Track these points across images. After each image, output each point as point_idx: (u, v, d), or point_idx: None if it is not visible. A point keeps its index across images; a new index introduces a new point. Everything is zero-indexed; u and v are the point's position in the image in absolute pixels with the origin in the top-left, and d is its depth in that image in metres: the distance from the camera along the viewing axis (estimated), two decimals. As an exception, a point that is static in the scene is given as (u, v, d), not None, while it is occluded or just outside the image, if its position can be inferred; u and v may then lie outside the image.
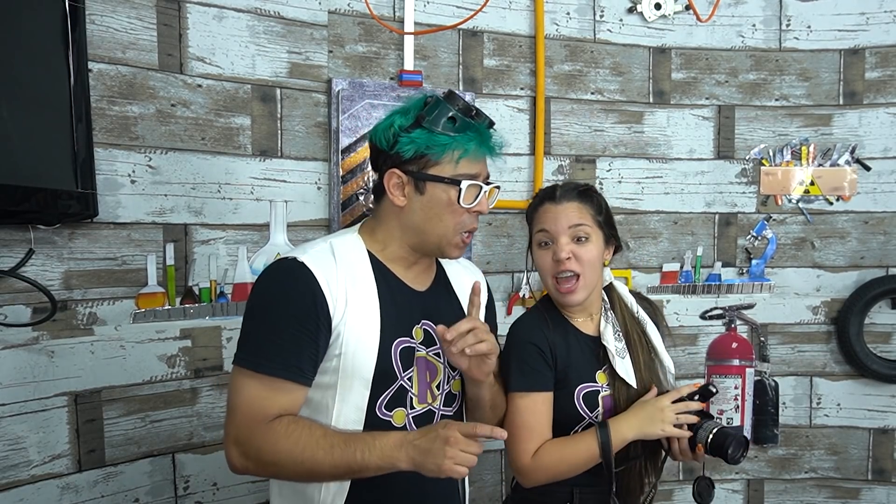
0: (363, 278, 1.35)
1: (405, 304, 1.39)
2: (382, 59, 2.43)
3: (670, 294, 2.82)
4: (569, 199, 1.60)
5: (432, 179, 1.33)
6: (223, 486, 2.20)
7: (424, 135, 1.31)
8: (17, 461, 1.83)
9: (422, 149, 1.31)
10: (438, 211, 1.34)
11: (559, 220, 1.57)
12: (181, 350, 2.11)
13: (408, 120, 1.33)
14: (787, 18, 2.79)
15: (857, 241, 2.82)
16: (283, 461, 1.24)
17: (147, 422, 2.06)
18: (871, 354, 2.78)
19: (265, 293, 1.31)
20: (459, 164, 1.33)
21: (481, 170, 1.37)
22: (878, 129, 2.79)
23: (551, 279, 1.60)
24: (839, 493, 2.91)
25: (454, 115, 1.31)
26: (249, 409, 1.26)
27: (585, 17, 2.70)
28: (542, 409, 1.56)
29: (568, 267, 1.56)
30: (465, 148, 1.32)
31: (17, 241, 1.79)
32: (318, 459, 1.23)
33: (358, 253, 1.37)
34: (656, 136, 2.78)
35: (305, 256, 1.31)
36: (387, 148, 1.34)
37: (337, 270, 1.31)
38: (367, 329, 1.32)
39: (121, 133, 1.98)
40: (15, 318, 1.81)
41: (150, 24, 2.02)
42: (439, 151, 1.31)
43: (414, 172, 1.33)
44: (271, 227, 2.26)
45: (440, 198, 1.34)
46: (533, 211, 1.65)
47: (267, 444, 1.24)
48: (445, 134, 1.31)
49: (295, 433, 1.24)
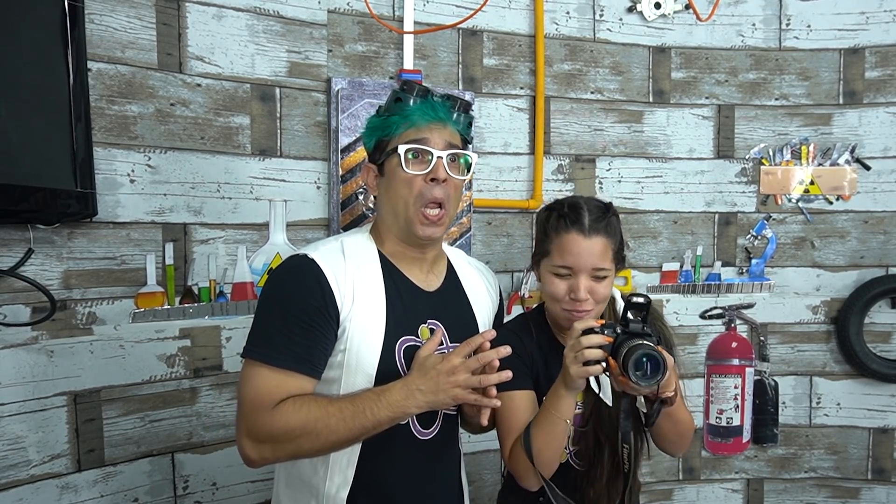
0: (371, 276, 1.37)
1: (412, 303, 1.41)
2: (382, 59, 2.42)
3: (670, 294, 2.82)
4: (597, 234, 1.46)
5: (386, 158, 1.38)
6: (222, 485, 2.20)
7: (378, 121, 1.39)
8: (17, 461, 1.83)
9: (378, 134, 1.39)
10: (395, 186, 1.37)
11: (584, 258, 1.45)
12: (180, 350, 2.11)
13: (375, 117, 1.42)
14: (786, 18, 2.79)
15: (856, 240, 2.82)
16: (299, 437, 1.27)
17: (146, 421, 2.06)
18: (870, 354, 2.78)
19: (276, 288, 1.35)
20: (404, 134, 1.36)
21: (430, 136, 1.36)
22: (878, 128, 2.79)
23: (559, 308, 1.51)
24: (839, 493, 2.91)
25: (399, 96, 1.37)
26: (258, 398, 1.28)
27: (585, 17, 2.70)
28: (519, 406, 1.51)
29: (586, 307, 1.46)
30: (408, 120, 1.36)
31: (17, 240, 1.79)
32: (333, 426, 1.26)
33: (367, 251, 1.40)
34: (656, 135, 2.78)
35: (316, 253, 1.34)
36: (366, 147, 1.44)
37: (345, 267, 1.34)
38: (373, 326, 1.34)
39: (120, 132, 1.98)
40: (14, 318, 1.81)
41: (150, 24, 2.02)
42: (391, 132, 1.37)
43: (376, 160, 1.40)
44: (271, 227, 2.26)
45: (393, 172, 1.37)
46: (553, 231, 1.50)
47: (278, 425, 1.26)
48: (395, 115, 1.37)
49: (303, 408, 1.27)
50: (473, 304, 1.52)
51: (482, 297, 1.56)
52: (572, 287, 1.46)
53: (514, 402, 1.51)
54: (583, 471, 1.55)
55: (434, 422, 1.43)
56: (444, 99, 1.39)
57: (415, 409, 1.28)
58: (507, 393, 1.49)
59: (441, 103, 1.38)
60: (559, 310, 1.51)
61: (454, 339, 1.44)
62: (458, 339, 1.43)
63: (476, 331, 1.50)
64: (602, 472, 1.53)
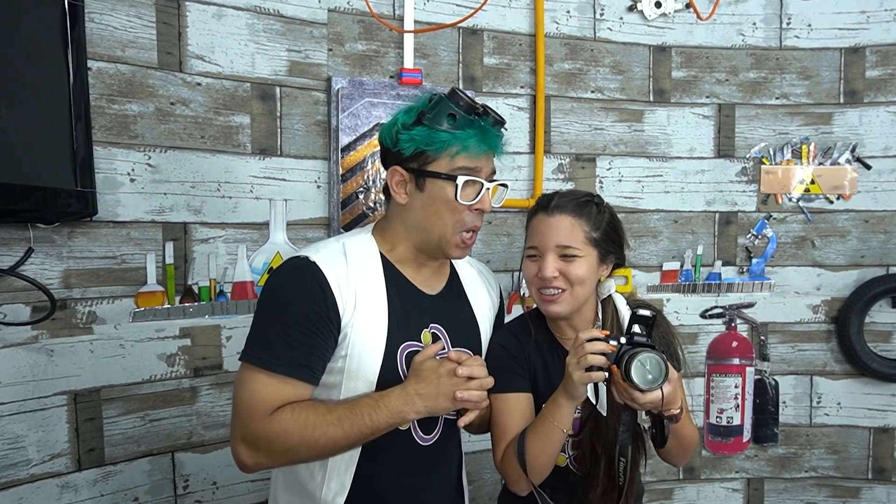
0: (373, 280, 1.34)
1: (414, 307, 1.39)
2: (382, 58, 2.42)
3: (670, 293, 2.82)
4: (562, 213, 1.47)
5: (430, 175, 1.33)
6: (222, 485, 2.20)
7: (424, 132, 1.31)
8: (17, 460, 1.83)
9: (421, 145, 1.31)
10: (437, 208, 1.34)
11: (547, 236, 1.47)
12: (181, 349, 2.11)
13: (410, 118, 1.33)
14: (787, 17, 2.79)
15: (857, 239, 2.82)
16: (296, 445, 1.25)
17: (146, 421, 2.06)
18: (871, 353, 2.78)
19: (276, 291, 1.31)
20: (457, 159, 1.32)
21: (482, 166, 1.36)
22: (879, 127, 2.78)
23: (535, 289, 1.52)
24: (839, 493, 2.90)
25: (454, 112, 1.32)
26: (255, 404, 1.26)
27: (585, 16, 2.69)
28: (515, 409, 1.50)
29: (554, 285, 1.46)
30: (463, 144, 1.31)
31: (17, 239, 1.79)
32: (331, 434, 1.25)
33: (369, 254, 1.37)
34: (656, 134, 2.78)
35: (317, 256, 1.31)
36: (391, 146, 1.35)
37: (347, 270, 1.31)
38: (374, 331, 1.32)
39: (120, 131, 1.98)
40: (14, 317, 1.81)
41: (150, 23, 2.02)
42: (438, 148, 1.31)
43: (414, 169, 1.33)
44: (271, 226, 2.26)
45: (438, 194, 1.33)
46: (529, 217, 1.55)
47: (275, 433, 1.24)
48: (445, 130, 1.31)
49: (301, 416, 1.25)
50: (475, 307, 1.51)
51: (483, 299, 1.54)
52: (540, 266, 1.46)
53: (508, 404, 1.50)
54: (581, 476, 1.54)
55: (435, 427, 1.42)
56: (492, 123, 1.36)
57: (413, 414, 1.28)
58: (502, 395, 1.49)
59: (495, 133, 1.37)
60: (534, 292, 1.51)
61: (456, 343, 1.42)
62: (460, 342, 1.43)
63: (478, 334, 1.50)
64: (597, 483, 1.51)
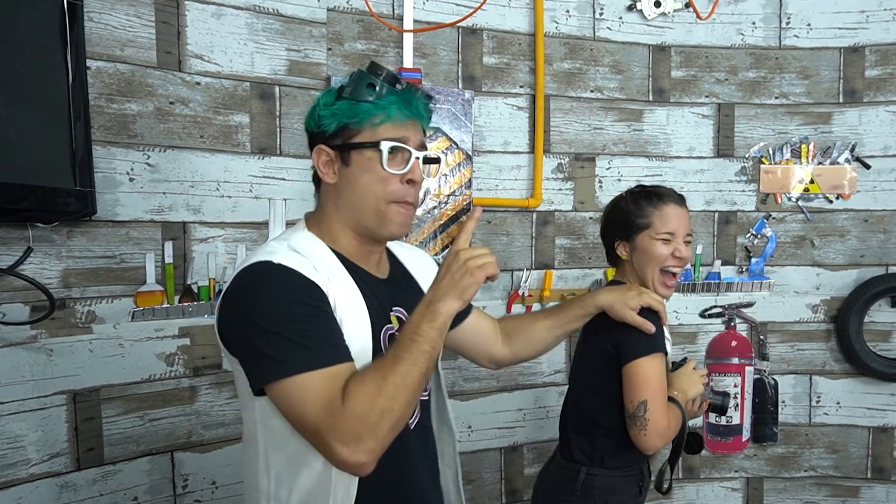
0: (337, 271, 1.30)
1: (379, 292, 1.36)
2: (381, 57, 2.42)
3: (670, 292, 2.82)
4: (685, 206, 1.78)
5: (355, 148, 1.29)
6: (222, 484, 2.20)
7: (345, 105, 1.28)
8: (16, 459, 1.83)
9: (343, 119, 1.28)
10: (366, 181, 1.29)
11: (682, 223, 1.75)
12: (180, 348, 2.11)
13: (331, 96, 1.31)
14: (786, 16, 2.79)
15: (856, 239, 2.82)
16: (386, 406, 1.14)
17: (146, 420, 2.05)
18: (870, 353, 2.78)
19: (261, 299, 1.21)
20: (380, 127, 1.28)
21: (408, 135, 1.31)
22: (878, 127, 2.78)
23: (658, 272, 1.74)
24: (838, 492, 2.91)
25: (374, 82, 1.28)
26: (327, 403, 1.14)
27: (585, 15, 2.69)
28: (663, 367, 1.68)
29: (685, 264, 1.77)
30: (386, 112, 1.28)
31: (16, 239, 1.78)
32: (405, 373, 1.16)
33: (320, 248, 1.32)
34: (656, 134, 2.78)
35: (277, 258, 1.22)
36: (314, 127, 1.32)
37: (313, 266, 1.25)
38: (358, 320, 1.29)
39: (119, 131, 1.98)
40: (13, 317, 1.81)
41: (149, 22, 2.02)
42: (361, 119, 1.28)
43: (339, 145, 1.30)
44: (270, 226, 2.25)
45: (365, 166, 1.29)
46: (648, 205, 1.76)
47: (361, 410, 1.14)
48: (366, 101, 1.28)
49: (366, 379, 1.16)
50: (421, 284, 1.49)
51: (425, 277, 1.50)
52: (676, 248, 1.73)
53: (663, 365, 1.66)
54: None
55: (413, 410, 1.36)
56: (416, 92, 1.33)
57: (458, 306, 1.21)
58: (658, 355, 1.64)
59: (419, 99, 1.33)
60: (657, 273, 1.74)
61: None
62: None
63: None
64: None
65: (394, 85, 1.30)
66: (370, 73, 1.29)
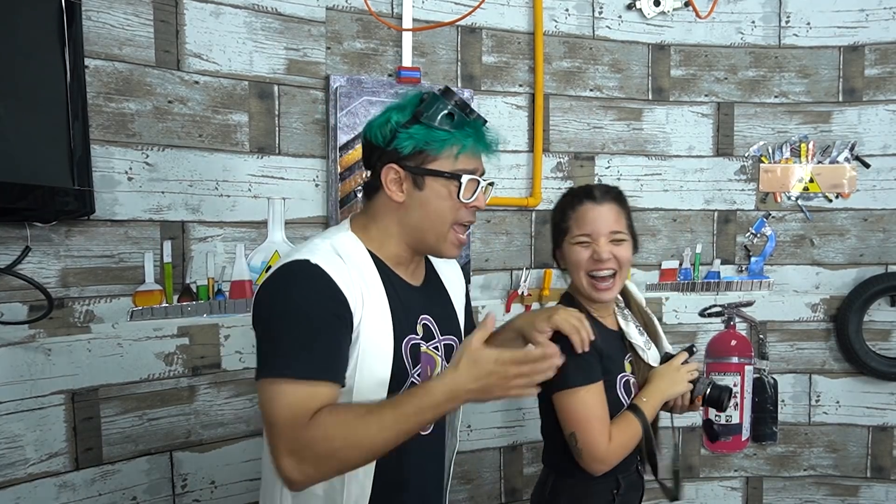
0: (371, 277, 1.33)
1: (408, 300, 1.38)
2: (381, 56, 2.42)
3: (669, 291, 2.82)
4: (608, 202, 1.65)
5: (432, 174, 1.32)
6: (221, 484, 2.19)
7: (423, 130, 1.30)
8: (14, 459, 1.83)
9: (420, 144, 1.31)
10: (438, 205, 1.34)
11: (600, 221, 1.63)
12: (179, 348, 2.10)
13: (405, 116, 1.32)
14: (786, 15, 2.78)
15: (856, 238, 2.82)
16: (341, 449, 1.17)
17: (144, 420, 2.05)
18: (870, 352, 2.78)
19: (285, 298, 1.25)
20: (458, 159, 1.32)
21: (478, 165, 1.37)
22: (878, 126, 2.78)
23: (586, 277, 1.64)
24: (838, 491, 2.91)
25: (452, 111, 1.31)
26: (293, 414, 1.18)
27: (584, 14, 2.69)
28: (603, 398, 1.60)
29: (609, 266, 1.62)
30: (463, 143, 1.32)
31: (14, 238, 1.78)
32: (373, 434, 1.17)
33: (360, 252, 1.35)
34: (655, 133, 2.78)
35: (316, 258, 1.26)
36: (383, 144, 1.33)
37: (349, 271, 1.28)
38: (382, 329, 1.30)
39: (118, 130, 1.97)
40: (11, 316, 1.80)
41: (147, 21, 2.01)
42: (438, 147, 1.31)
43: (412, 168, 1.32)
44: (269, 225, 2.25)
45: (439, 192, 1.33)
46: (569, 208, 1.67)
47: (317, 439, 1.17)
48: (444, 129, 1.30)
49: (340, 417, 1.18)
50: (451, 294, 1.53)
51: (456, 286, 1.57)
52: (594, 251, 1.62)
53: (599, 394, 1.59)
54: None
55: None
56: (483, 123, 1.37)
57: (452, 408, 1.23)
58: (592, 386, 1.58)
59: (489, 131, 1.38)
60: (584, 279, 1.65)
61: (443, 332, 1.44)
62: (447, 330, 1.45)
63: (457, 320, 1.51)
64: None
65: (467, 114, 1.33)
66: (446, 99, 1.32)
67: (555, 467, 1.73)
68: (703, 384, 1.73)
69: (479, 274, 2.61)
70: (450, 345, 1.46)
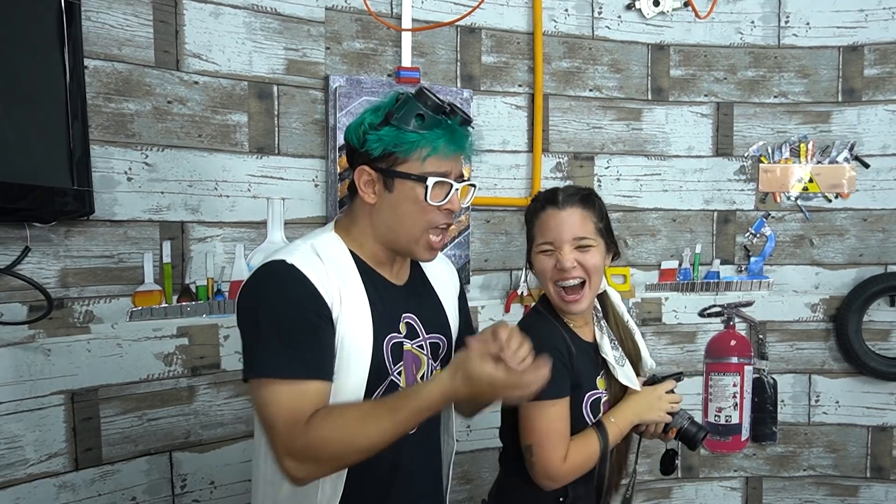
0: (350, 277, 1.35)
1: (390, 299, 1.40)
2: (380, 56, 2.42)
3: (669, 292, 2.82)
4: (572, 206, 1.56)
5: (400, 176, 1.32)
6: (220, 484, 2.19)
7: (392, 132, 1.30)
8: (14, 460, 1.83)
9: (389, 146, 1.31)
10: (407, 208, 1.34)
11: (562, 228, 1.54)
12: (178, 348, 2.10)
13: (378, 118, 1.33)
14: (785, 15, 2.78)
15: (855, 238, 2.82)
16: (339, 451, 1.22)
17: (144, 420, 2.05)
18: (869, 352, 2.78)
19: (263, 299, 1.28)
20: (427, 161, 1.32)
21: (451, 167, 1.35)
22: (877, 126, 2.78)
23: (553, 286, 1.57)
24: (838, 491, 2.91)
25: (422, 113, 1.31)
26: (289, 415, 1.22)
27: (584, 14, 2.69)
28: (567, 415, 1.55)
29: (574, 275, 1.54)
30: (432, 146, 1.31)
31: (13, 238, 1.78)
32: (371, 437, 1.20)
33: (341, 252, 1.37)
34: (655, 133, 2.78)
35: (293, 258, 1.29)
36: (358, 145, 1.34)
37: (326, 269, 1.30)
38: (361, 328, 1.32)
39: (117, 130, 1.97)
40: (11, 317, 1.80)
41: (147, 21, 2.01)
42: (407, 149, 1.31)
43: (382, 170, 1.33)
44: (269, 225, 2.25)
45: (408, 195, 1.33)
46: (534, 215, 1.61)
47: (315, 444, 1.21)
48: (413, 131, 1.30)
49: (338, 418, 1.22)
50: (439, 293, 1.53)
51: (446, 284, 1.56)
52: (558, 259, 1.54)
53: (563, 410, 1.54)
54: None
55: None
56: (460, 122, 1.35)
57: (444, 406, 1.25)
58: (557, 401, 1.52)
59: (463, 133, 1.36)
60: (552, 288, 1.58)
61: (429, 331, 1.45)
62: (432, 329, 1.45)
63: (445, 319, 1.51)
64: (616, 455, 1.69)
65: (439, 114, 1.32)
66: (417, 100, 1.31)
67: (506, 468, 1.73)
68: (680, 417, 1.68)
69: (479, 274, 2.61)
70: (435, 343, 1.46)
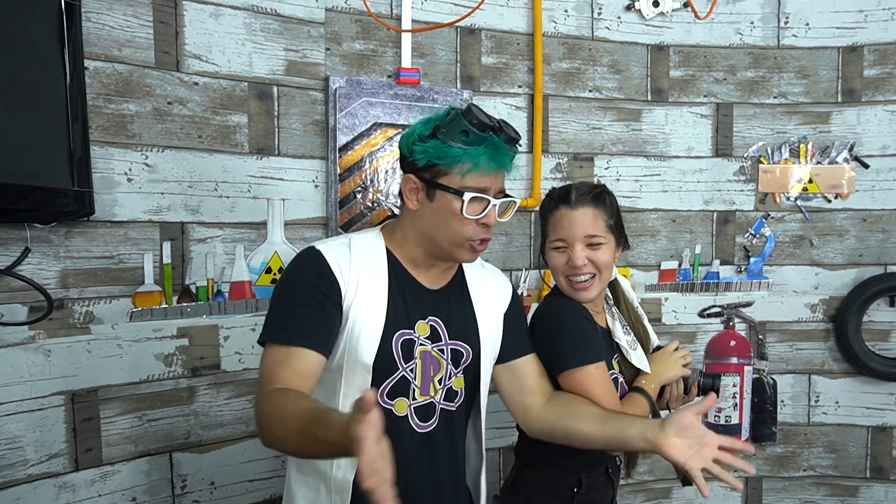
0: (376, 270, 1.44)
1: (413, 298, 1.47)
2: (380, 57, 2.42)
3: (668, 292, 2.82)
4: (584, 205, 1.62)
5: (440, 188, 1.40)
6: (220, 484, 2.19)
7: (437, 145, 1.38)
8: (14, 460, 1.83)
9: (433, 158, 1.38)
10: (445, 218, 1.41)
11: (575, 227, 1.61)
12: (178, 349, 2.11)
13: (427, 130, 1.40)
14: (785, 16, 2.79)
15: (855, 238, 2.82)
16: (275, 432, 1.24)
17: (144, 421, 2.05)
18: (869, 352, 2.78)
19: (284, 279, 1.44)
20: (467, 176, 1.38)
21: (491, 183, 1.41)
22: (877, 126, 2.79)
23: (564, 279, 1.66)
24: (837, 491, 2.91)
25: (467, 129, 1.37)
26: (267, 375, 1.33)
27: (583, 15, 2.69)
28: (609, 376, 1.63)
29: (585, 272, 1.62)
30: (474, 161, 1.37)
31: (13, 239, 1.78)
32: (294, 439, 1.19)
33: (375, 248, 1.47)
34: (654, 133, 2.78)
35: (323, 246, 1.43)
36: (407, 154, 1.43)
37: (350, 259, 1.41)
38: (373, 318, 1.41)
39: (117, 131, 1.98)
40: (11, 317, 1.81)
41: (147, 22, 2.01)
42: (449, 162, 1.38)
43: (426, 180, 1.41)
44: (269, 226, 2.25)
45: (446, 207, 1.40)
46: (548, 212, 1.68)
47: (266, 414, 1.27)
48: (457, 146, 1.37)
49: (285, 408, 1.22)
50: (476, 304, 1.56)
51: (488, 296, 1.59)
52: (570, 256, 1.62)
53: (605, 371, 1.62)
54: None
55: (431, 416, 1.49)
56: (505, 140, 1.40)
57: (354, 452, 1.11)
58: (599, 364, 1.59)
59: (507, 151, 1.41)
60: (563, 281, 1.66)
61: (453, 337, 1.50)
62: (457, 336, 1.51)
63: (475, 330, 1.54)
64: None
65: (486, 133, 1.38)
66: (465, 117, 1.38)
67: (522, 459, 1.77)
68: (694, 373, 1.76)
69: (479, 274, 2.61)
70: (457, 350, 1.51)
